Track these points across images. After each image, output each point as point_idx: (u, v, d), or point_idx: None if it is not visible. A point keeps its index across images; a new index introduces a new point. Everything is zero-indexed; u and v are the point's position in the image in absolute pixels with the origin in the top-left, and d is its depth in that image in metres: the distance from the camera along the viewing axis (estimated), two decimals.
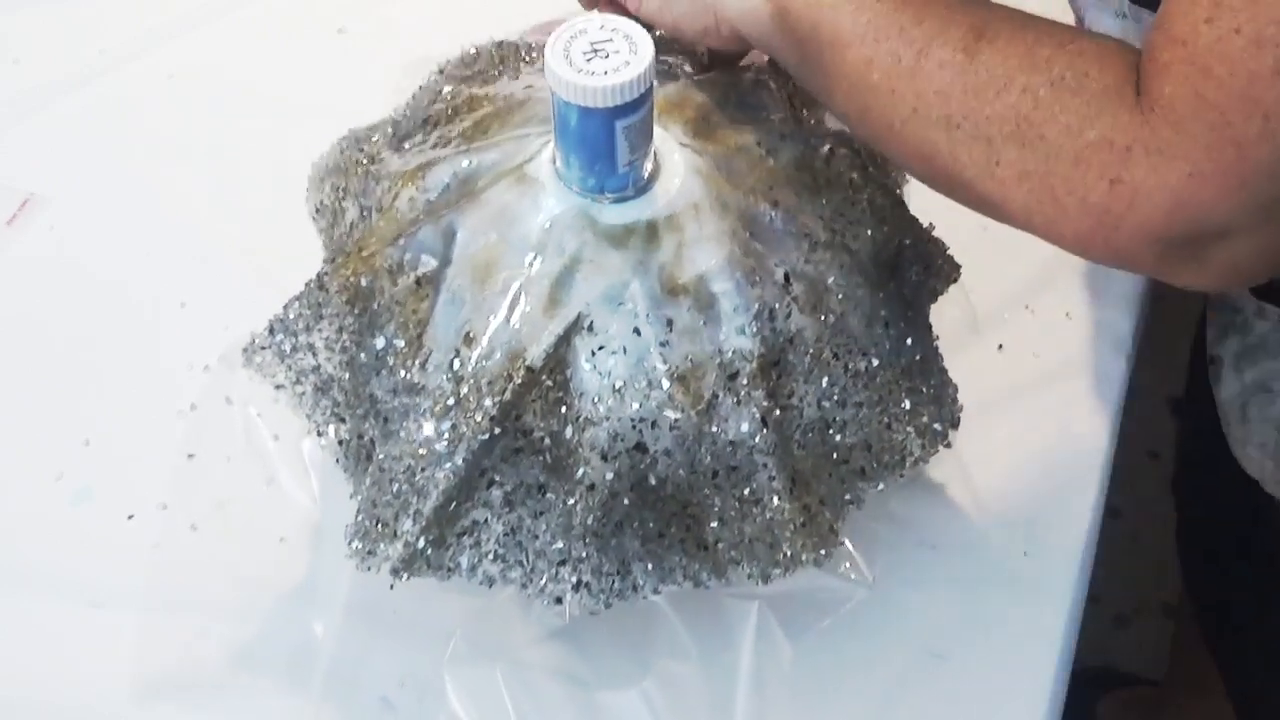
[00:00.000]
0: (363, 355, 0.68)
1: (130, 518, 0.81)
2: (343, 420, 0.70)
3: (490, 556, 0.67)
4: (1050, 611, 0.77)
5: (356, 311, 0.68)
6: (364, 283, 0.67)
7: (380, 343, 0.67)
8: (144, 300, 0.92)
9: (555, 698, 0.74)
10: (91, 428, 0.85)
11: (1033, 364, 0.88)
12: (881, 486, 0.72)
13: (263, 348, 0.70)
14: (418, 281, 0.67)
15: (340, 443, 0.71)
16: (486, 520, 0.67)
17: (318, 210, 0.79)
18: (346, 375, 0.69)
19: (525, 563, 0.67)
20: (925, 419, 0.72)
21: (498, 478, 0.66)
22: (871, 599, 0.76)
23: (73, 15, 1.09)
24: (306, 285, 0.69)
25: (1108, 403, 0.86)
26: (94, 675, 0.75)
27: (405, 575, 0.67)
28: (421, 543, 0.66)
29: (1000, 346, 0.88)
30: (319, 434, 0.71)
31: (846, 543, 0.75)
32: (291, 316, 0.70)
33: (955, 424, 0.74)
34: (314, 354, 0.70)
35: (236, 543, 0.80)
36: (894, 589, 0.77)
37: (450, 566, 0.68)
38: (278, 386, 0.71)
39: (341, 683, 0.74)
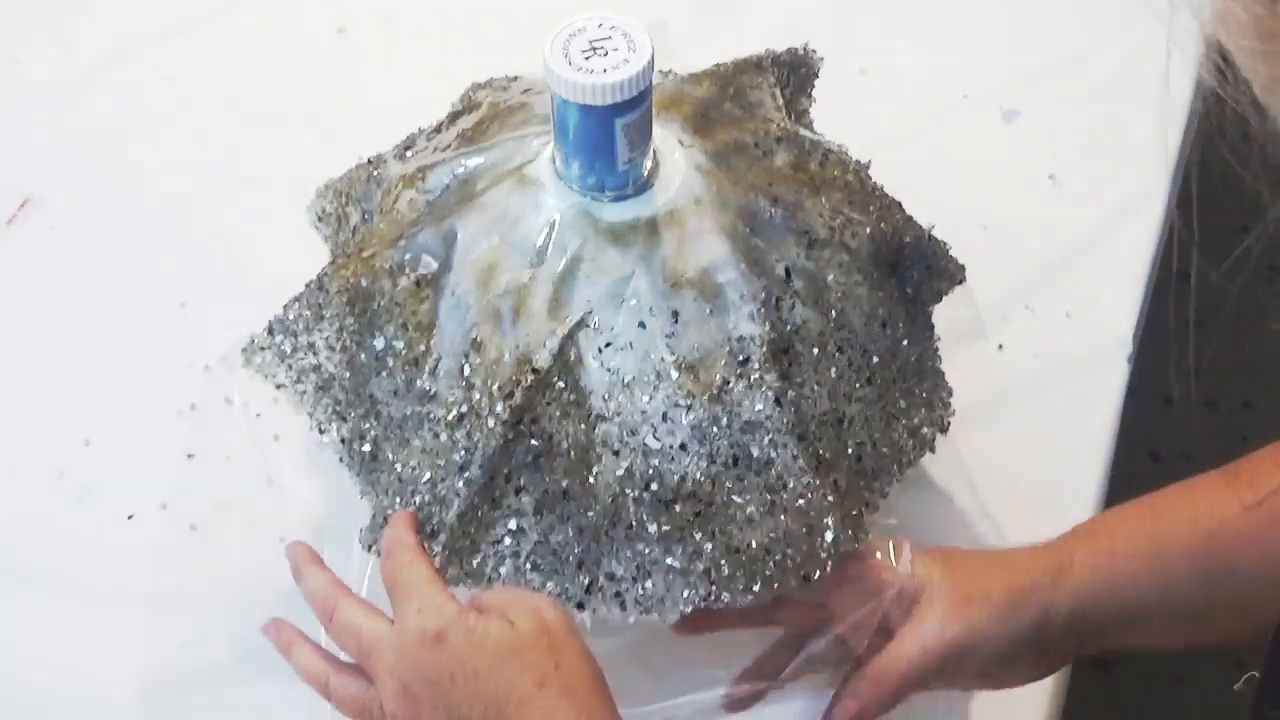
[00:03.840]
0: (362, 356, 0.68)
1: (130, 518, 0.81)
2: (344, 419, 0.70)
3: (530, 565, 0.66)
4: None
5: (356, 312, 0.67)
6: (364, 284, 0.67)
7: (380, 343, 0.67)
8: (144, 300, 0.92)
9: None
10: (91, 428, 0.85)
11: (1033, 364, 0.88)
12: (887, 492, 0.72)
13: (262, 348, 0.70)
14: (418, 283, 0.67)
15: (343, 441, 0.71)
16: (522, 529, 0.66)
17: (320, 218, 0.79)
18: (347, 374, 0.69)
19: (560, 570, 0.67)
20: (916, 421, 0.72)
21: (524, 483, 0.65)
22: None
23: (73, 15, 1.09)
24: (306, 286, 0.69)
25: (1108, 403, 0.86)
26: (94, 674, 0.75)
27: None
28: (450, 552, 0.66)
29: (1000, 346, 0.88)
30: (320, 431, 0.71)
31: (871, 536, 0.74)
32: (291, 317, 0.69)
33: (944, 429, 0.74)
34: (314, 354, 0.70)
35: (236, 543, 0.80)
36: None
37: (491, 577, 0.67)
38: (278, 386, 0.71)
39: None
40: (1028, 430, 0.85)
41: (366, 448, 0.70)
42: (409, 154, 0.74)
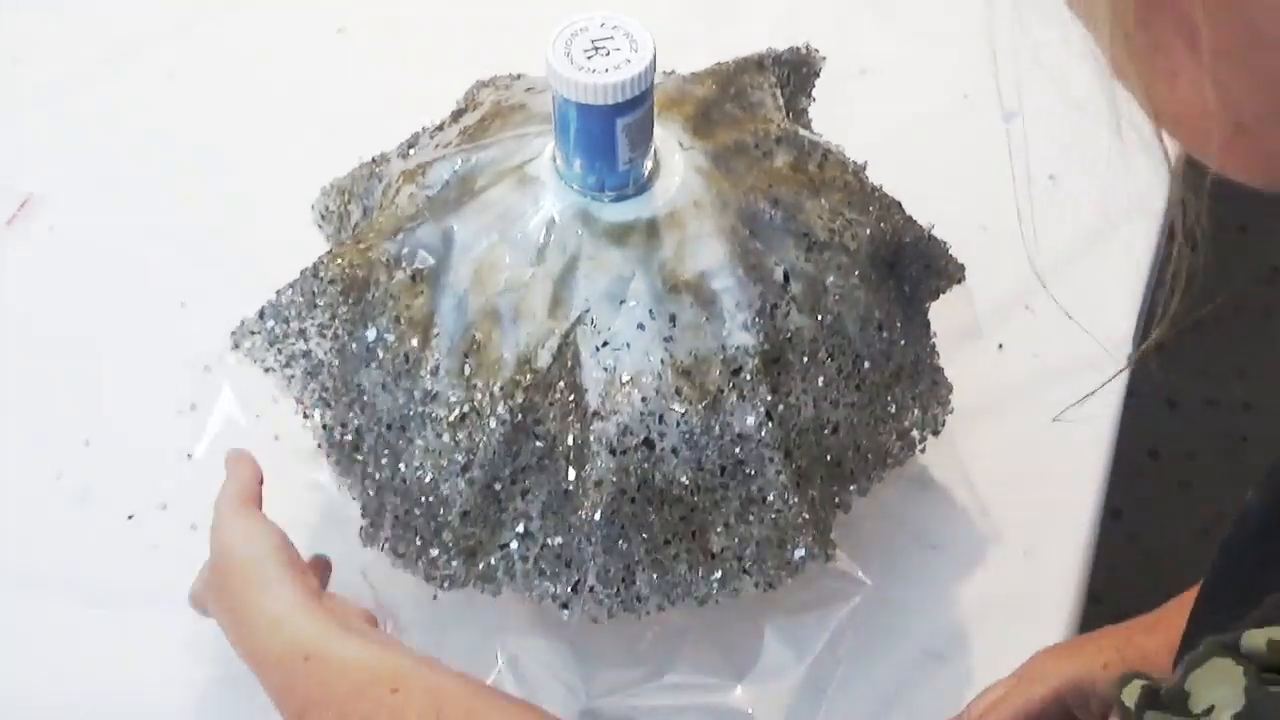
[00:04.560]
0: (353, 345, 0.68)
1: (130, 518, 0.81)
2: (329, 405, 0.70)
3: (538, 572, 0.67)
4: (1050, 611, 0.77)
5: (350, 301, 0.67)
6: (359, 274, 0.67)
7: (371, 334, 0.67)
8: (144, 300, 0.92)
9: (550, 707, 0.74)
10: (91, 428, 0.85)
11: (1033, 364, 0.88)
12: (865, 492, 0.72)
13: (253, 332, 0.70)
14: (414, 277, 0.66)
15: (324, 427, 0.70)
16: (529, 532, 0.66)
17: (323, 217, 0.79)
18: (336, 362, 0.69)
19: (559, 573, 0.67)
20: (906, 423, 0.72)
21: (529, 485, 0.65)
22: (871, 599, 0.76)
23: (73, 15, 1.09)
24: (301, 273, 0.69)
25: (1108, 403, 0.86)
26: (93, 675, 0.75)
27: (446, 585, 0.67)
28: (454, 551, 0.66)
29: (1000, 346, 0.88)
30: (305, 415, 0.71)
31: (843, 553, 0.75)
32: (284, 302, 0.69)
33: (936, 431, 0.74)
34: (305, 339, 0.69)
35: None
36: (894, 589, 0.77)
37: (502, 581, 0.67)
38: (266, 370, 0.71)
39: None
40: (1028, 430, 0.84)
41: (349, 437, 0.70)
42: (411, 152, 0.74)
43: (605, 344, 0.64)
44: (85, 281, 0.93)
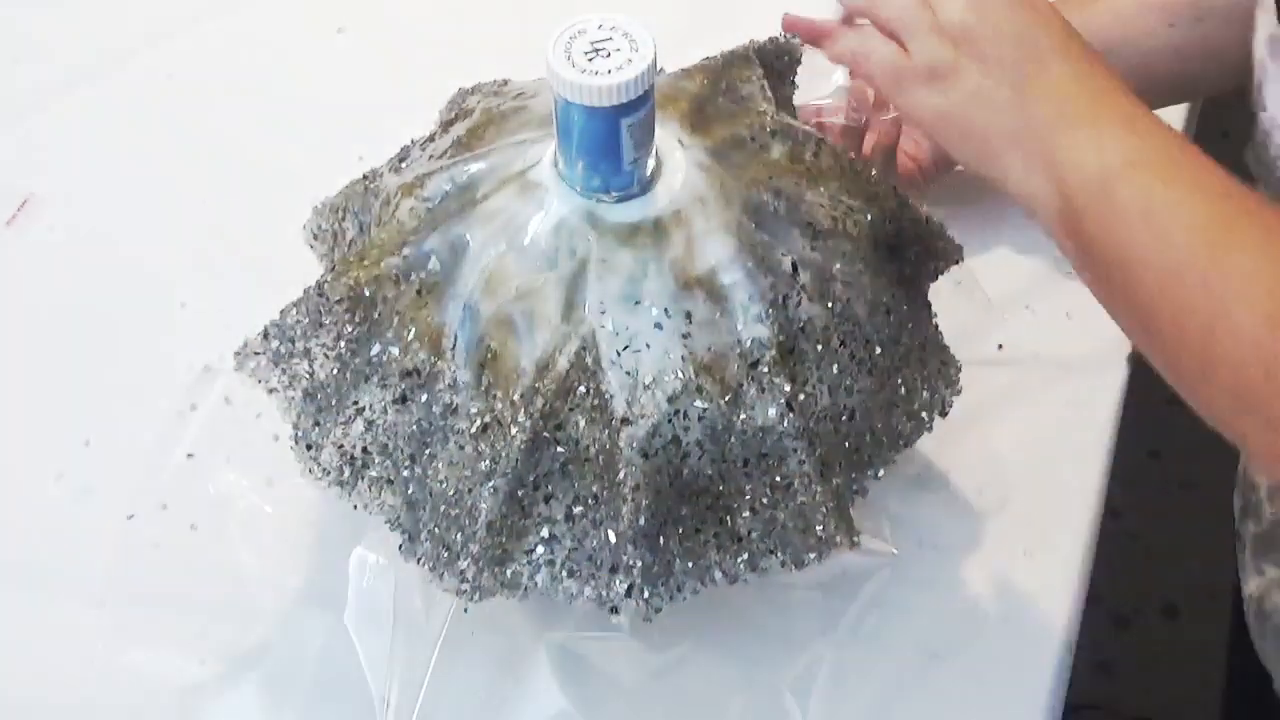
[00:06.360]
0: (356, 361, 0.68)
1: (130, 518, 0.81)
2: (320, 425, 0.70)
3: (566, 572, 0.67)
4: (1050, 611, 0.77)
5: (357, 320, 0.67)
6: (366, 292, 0.67)
7: (375, 349, 0.67)
8: (144, 300, 0.92)
9: (552, 694, 0.74)
10: (91, 428, 0.85)
11: (1033, 364, 0.88)
12: (882, 473, 0.72)
13: (256, 353, 0.70)
14: (419, 291, 0.66)
15: (308, 447, 0.70)
16: (555, 535, 0.66)
17: (315, 236, 0.78)
18: (333, 383, 0.69)
19: (597, 576, 0.67)
20: (916, 406, 0.73)
21: (553, 490, 0.65)
22: (871, 599, 0.77)
23: (73, 15, 1.09)
24: (305, 292, 0.69)
25: (1108, 403, 0.86)
26: (94, 675, 0.75)
27: (477, 596, 0.67)
28: (483, 562, 0.66)
29: (1000, 346, 0.88)
30: (296, 440, 0.70)
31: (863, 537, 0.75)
32: (289, 322, 0.69)
33: (944, 412, 0.75)
34: (310, 360, 0.69)
35: (236, 543, 0.80)
36: (894, 589, 0.77)
37: (528, 586, 0.67)
38: (270, 391, 0.71)
39: (341, 682, 0.74)
40: (1028, 430, 0.85)
41: (354, 453, 0.69)
42: (404, 165, 0.74)
43: (626, 347, 0.64)
44: (85, 281, 0.93)
